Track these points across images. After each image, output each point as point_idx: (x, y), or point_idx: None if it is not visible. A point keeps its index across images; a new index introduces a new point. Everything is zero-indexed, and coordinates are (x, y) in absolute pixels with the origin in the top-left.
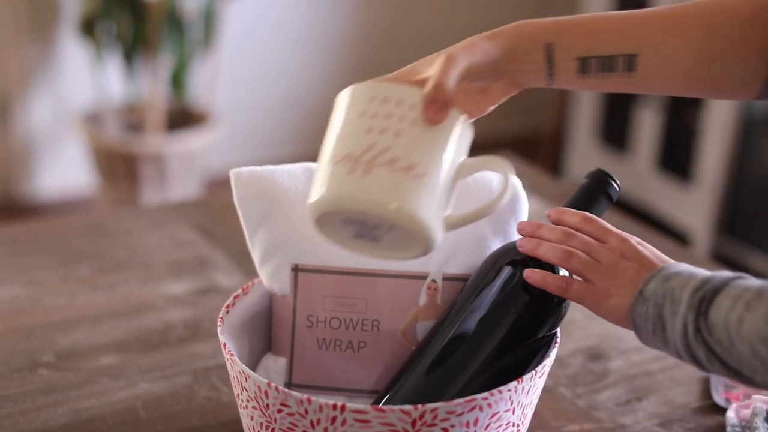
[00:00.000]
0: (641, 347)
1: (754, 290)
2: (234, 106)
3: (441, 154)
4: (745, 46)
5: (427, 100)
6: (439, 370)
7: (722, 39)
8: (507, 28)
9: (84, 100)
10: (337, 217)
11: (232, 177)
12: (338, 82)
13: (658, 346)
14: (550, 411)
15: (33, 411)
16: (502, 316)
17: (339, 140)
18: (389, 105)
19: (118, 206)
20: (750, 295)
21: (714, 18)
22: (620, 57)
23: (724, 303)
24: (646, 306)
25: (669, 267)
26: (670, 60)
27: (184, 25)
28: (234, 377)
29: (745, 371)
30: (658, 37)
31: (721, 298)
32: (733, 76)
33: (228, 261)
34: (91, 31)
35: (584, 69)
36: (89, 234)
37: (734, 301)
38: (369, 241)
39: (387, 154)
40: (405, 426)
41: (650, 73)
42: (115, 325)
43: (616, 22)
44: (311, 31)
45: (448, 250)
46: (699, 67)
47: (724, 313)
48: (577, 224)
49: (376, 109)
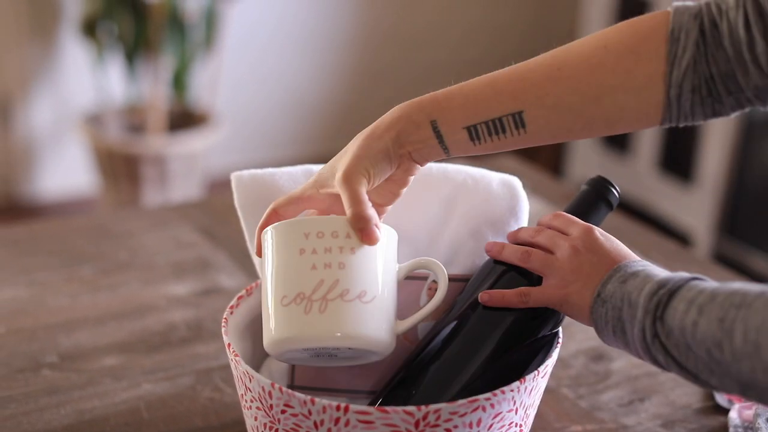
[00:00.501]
0: None
1: (708, 293)
2: (235, 108)
3: (383, 271)
4: (632, 76)
5: (357, 229)
6: (441, 369)
7: (607, 74)
8: (387, 118)
9: (85, 101)
10: (298, 349)
11: (233, 180)
12: (339, 83)
13: (620, 346)
14: (552, 412)
15: (36, 412)
16: (503, 314)
17: (286, 280)
18: (325, 239)
19: (119, 207)
20: (703, 299)
21: (595, 55)
22: (506, 117)
23: (679, 307)
24: (605, 308)
25: (626, 266)
26: (556, 108)
27: (186, 26)
28: (238, 378)
29: (702, 375)
30: (538, 89)
31: (676, 302)
32: (626, 108)
33: (230, 262)
34: (92, 32)
35: (475, 136)
36: (91, 235)
37: (688, 305)
38: (327, 358)
39: (337, 288)
40: (408, 427)
41: (541, 124)
42: (118, 326)
43: (494, 84)
44: (312, 32)
45: (449, 252)
46: (589, 107)
47: (680, 317)
48: (548, 222)
49: (313, 245)
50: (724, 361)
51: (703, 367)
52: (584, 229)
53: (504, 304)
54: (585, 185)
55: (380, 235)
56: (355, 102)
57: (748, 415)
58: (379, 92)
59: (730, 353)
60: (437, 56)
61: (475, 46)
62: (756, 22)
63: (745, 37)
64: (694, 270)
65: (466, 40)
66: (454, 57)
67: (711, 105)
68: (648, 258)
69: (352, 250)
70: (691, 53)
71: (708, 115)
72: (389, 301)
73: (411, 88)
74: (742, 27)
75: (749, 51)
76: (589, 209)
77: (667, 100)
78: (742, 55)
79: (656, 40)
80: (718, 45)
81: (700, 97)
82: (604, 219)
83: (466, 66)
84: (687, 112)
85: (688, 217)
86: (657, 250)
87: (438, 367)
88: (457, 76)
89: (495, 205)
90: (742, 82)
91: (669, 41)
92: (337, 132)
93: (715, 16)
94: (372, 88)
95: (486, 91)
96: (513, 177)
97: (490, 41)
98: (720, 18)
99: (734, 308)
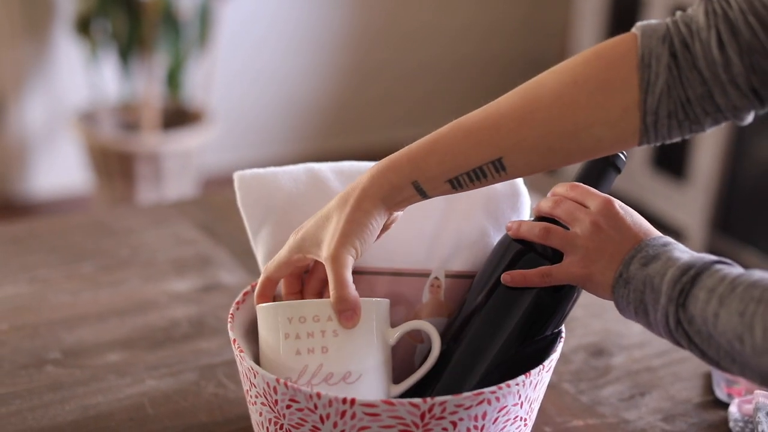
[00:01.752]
0: (643, 343)
1: (728, 282)
2: (229, 105)
3: (368, 348)
4: (607, 110)
5: (338, 312)
6: (463, 360)
7: (581, 111)
8: (369, 188)
9: (79, 99)
10: None
11: (236, 179)
12: (332, 80)
13: (642, 325)
14: (554, 407)
15: (41, 408)
16: (520, 299)
17: (274, 365)
18: (308, 324)
19: (114, 205)
20: (723, 289)
21: (566, 92)
22: (486, 165)
23: (701, 296)
24: (628, 290)
25: (648, 245)
26: (534, 149)
27: (180, 24)
28: (243, 373)
29: (723, 362)
30: (514, 136)
31: (697, 290)
32: (603, 139)
33: (230, 258)
34: (86, 30)
35: (457, 185)
36: (91, 232)
37: (709, 294)
38: None
39: (321, 373)
40: (414, 419)
41: (521, 165)
42: (120, 322)
43: (469, 135)
44: (305, 29)
45: (451, 248)
46: (567, 144)
47: (701, 307)
48: (564, 192)
49: (297, 330)
50: (745, 353)
51: (725, 355)
52: (604, 203)
53: (526, 284)
54: None
55: (364, 314)
56: (348, 99)
57: (747, 409)
58: (372, 90)
59: (750, 347)
60: (429, 54)
61: (467, 43)
62: (730, 42)
63: (719, 57)
64: None
65: (458, 38)
66: (446, 54)
67: (688, 126)
68: None
69: (334, 332)
70: (663, 79)
71: (685, 134)
72: (378, 374)
73: (403, 86)
74: (716, 47)
75: (725, 72)
76: (599, 174)
77: (644, 126)
78: (719, 76)
79: (626, 68)
80: (691, 67)
81: (677, 121)
82: (613, 182)
83: (458, 63)
84: (665, 135)
85: (681, 214)
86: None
87: (460, 358)
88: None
89: (497, 201)
90: (720, 102)
91: (640, 68)
92: (330, 129)
93: (686, 37)
94: (364, 85)
95: (462, 144)
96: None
97: (482, 38)
98: (691, 39)
99: (754, 303)
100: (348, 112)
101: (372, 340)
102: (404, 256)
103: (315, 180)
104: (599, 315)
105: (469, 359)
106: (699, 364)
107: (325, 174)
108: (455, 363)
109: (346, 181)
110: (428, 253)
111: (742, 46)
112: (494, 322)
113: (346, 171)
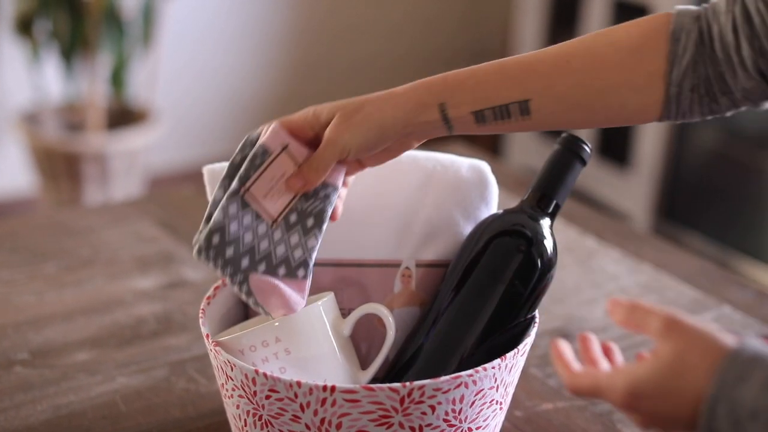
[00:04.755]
0: (605, 327)
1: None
2: (173, 104)
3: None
4: (635, 74)
5: (304, 169)
6: (437, 349)
7: (612, 70)
8: (396, 95)
9: (22, 100)
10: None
11: (206, 174)
12: (274, 77)
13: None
14: (523, 391)
15: (12, 409)
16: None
17: None
18: (259, 351)
19: (61, 207)
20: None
21: (601, 51)
22: (512, 105)
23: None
24: None
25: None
26: (562, 99)
27: (123, 23)
28: (218, 367)
29: None
30: (546, 80)
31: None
32: (628, 104)
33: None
34: (27, 30)
35: (481, 119)
36: (51, 233)
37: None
38: None
39: None
40: (393, 404)
41: (546, 113)
42: (86, 321)
43: (503, 70)
44: (246, 27)
45: (421, 238)
46: (593, 101)
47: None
48: (623, 318)
49: (252, 359)
50: None
51: None
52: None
53: None
54: (557, 144)
55: (311, 320)
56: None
57: None
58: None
59: None
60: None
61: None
62: (743, 27)
63: (733, 41)
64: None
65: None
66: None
67: (708, 104)
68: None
69: (286, 351)
70: (691, 53)
71: (705, 114)
72: (342, 369)
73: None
74: (730, 31)
75: (737, 54)
76: (564, 168)
77: (666, 97)
78: (731, 57)
79: (658, 39)
80: (711, 47)
81: (699, 96)
82: (579, 175)
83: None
84: (686, 110)
85: (625, 201)
86: (611, 230)
87: (435, 347)
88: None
89: (465, 191)
90: (731, 83)
91: (670, 41)
92: None
93: (710, 19)
94: (306, 82)
95: (495, 78)
96: (482, 162)
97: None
98: (713, 21)
99: None
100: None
101: (327, 338)
102: (374, 246)
103: None
104: (562, 300)
105: (444, 347)
106: None
107: None
108: (431, 352)
109: None
110: (398, 243)
111: (753, 31)
112: (469, 310)
113: None
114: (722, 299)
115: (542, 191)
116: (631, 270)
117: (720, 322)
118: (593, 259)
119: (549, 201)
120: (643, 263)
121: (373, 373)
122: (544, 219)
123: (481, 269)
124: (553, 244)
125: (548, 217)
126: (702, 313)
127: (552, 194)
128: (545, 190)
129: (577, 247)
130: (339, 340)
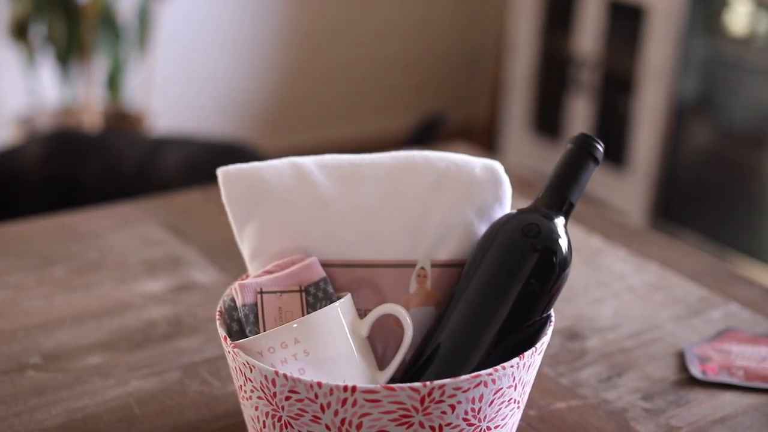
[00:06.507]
0: (614, 326)
1: None
2: (169, 107)
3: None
4: None
5: None
6: (454, 350)
7: None
8: None
9: (18, 105)
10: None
11: (220, 175)
12: (269, 80)
13: None
14: (536, 390)
15: (26, 413)
16: (510, 288)
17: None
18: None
19: None
20: None
21: None
22: None
23: None
24: None
25: None
26: None
27: (119, 26)
28: (236, 369)
29: None
30: None
31: None
32: None
33: (201, 257)
34: (23, 34)
35: None
36: (58, 237)
37: None
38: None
39: None
40: (414, 403)
41: None
42: (97, 324)
43: None
44: (240, 30)
45: (435, 238)
46: None
47: None
48: None
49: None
50: None
51: None
52: None
53: None
54: (570, 143)
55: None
56: (285, 98)
57: None
58: (307, 89)
59: None
60: (364, 51)
61: (397, 39)
62: None
63: None
64: None
65: (388, 35)
66: (379, 51)
67: None
68: (609, 239)
69: (305, 352)
70: None
71: None
72: (361, 369)
73: (339, 85)
74: None
75: None
76: (578, 167)
77: None
78: None
79: None
80: None
81: None
82: (592, 174)
83: (391, 59)
84: None
85: (622, 201)
86: (616, 229)
87: (453, 347)
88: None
89: (479, 190)
90: None
91: None
92: (269, 128)
93: None
94: (300, 85)
95: None
96: (494, 162)
97: (410, 34)
98: None
99: None
100: (285, 110)
101: (345, 340)
102: (388, 246)
103: (299, 174)
104: (570, 300)
105: (462, 347)
106: (671, 344)
107: (309, 168)
108: (449, 351)
109: (330, 175)
110: (412, 243)
111: None
112: (485, 310)
113: (329, 164)
114: (729, 297)
115: (556, 190)
116: (638, 269)
117: (728, 320)
118: (599, 259)
119: (563, 200)
120: (649, 262)
121: (391, 373)
122: (558, 218)
123: (498, 269)
124: (567, 243)
125: (562, 216)
126: (710, 312)
127: (566, 193)
128: (559, 189)
129: (583, 247)
130: (357, 340)
